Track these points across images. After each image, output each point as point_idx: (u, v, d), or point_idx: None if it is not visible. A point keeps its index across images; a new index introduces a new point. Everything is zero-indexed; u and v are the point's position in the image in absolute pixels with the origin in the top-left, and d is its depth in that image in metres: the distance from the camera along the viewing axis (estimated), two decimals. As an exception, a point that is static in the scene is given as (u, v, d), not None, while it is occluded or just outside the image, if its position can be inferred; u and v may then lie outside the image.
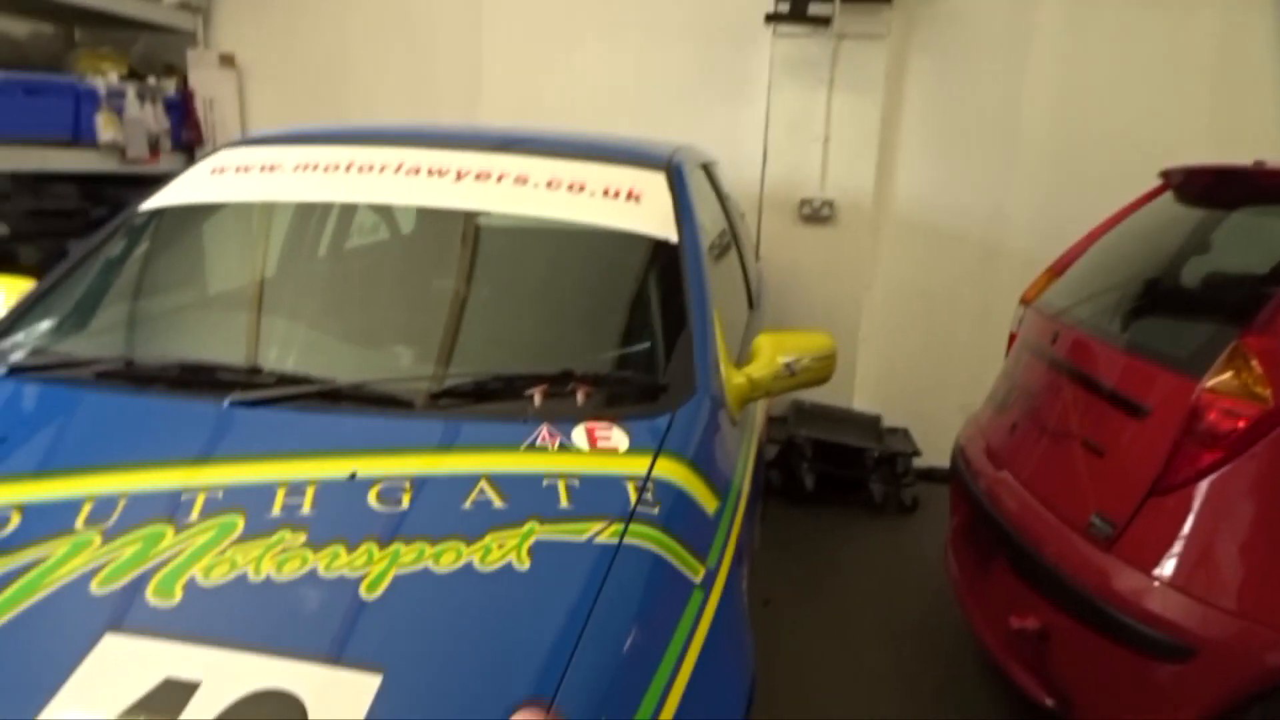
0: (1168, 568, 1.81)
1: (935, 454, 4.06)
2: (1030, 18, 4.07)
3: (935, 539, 3.39)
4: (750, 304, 2.96)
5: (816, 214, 4.18)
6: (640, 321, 2.00)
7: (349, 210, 2.47)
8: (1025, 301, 2.91)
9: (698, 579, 1.28)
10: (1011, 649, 2.22)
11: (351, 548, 1.18)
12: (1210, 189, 2.58)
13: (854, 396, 4.42)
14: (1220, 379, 1.82)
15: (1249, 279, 2.25)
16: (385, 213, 2.54)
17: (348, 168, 2.08)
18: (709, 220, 2.45)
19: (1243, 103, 4.00)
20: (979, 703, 2.59)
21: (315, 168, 2.09)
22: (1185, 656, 1.74)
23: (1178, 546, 1.80)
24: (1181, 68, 4.02)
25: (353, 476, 1.34)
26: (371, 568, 1.14)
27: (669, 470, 1.42)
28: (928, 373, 4.37)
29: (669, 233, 1.98)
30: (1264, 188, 2.33)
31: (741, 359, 2.04)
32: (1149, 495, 1.87)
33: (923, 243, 4.28)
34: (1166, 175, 2.73)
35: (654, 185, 2.10)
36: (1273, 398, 1.76)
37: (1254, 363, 1.80)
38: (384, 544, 1.18)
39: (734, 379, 1.84)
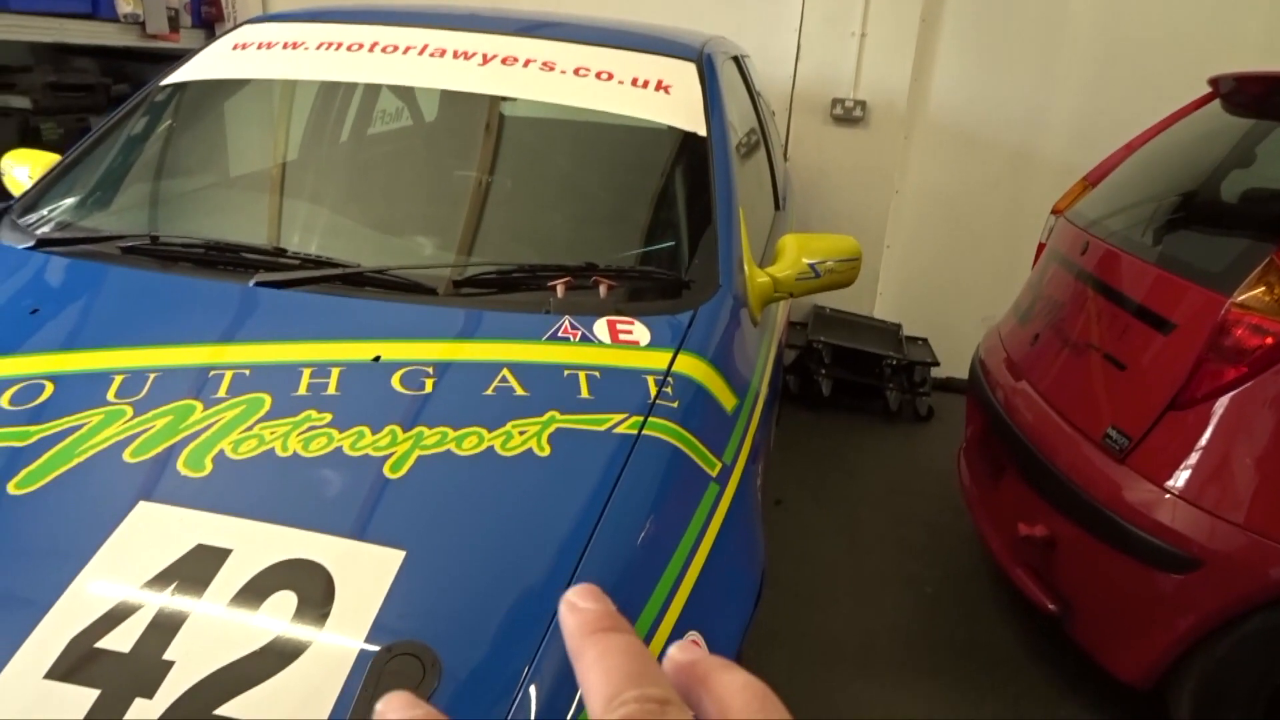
0: (1180, 481, 1.82)
1: (955, 365, 4.06)
2: (1083, -89, 3.87)
3: (948, 449, 3.41)
4: (777, 204, 2.91)
5: (848, 115, 4.07)
6: (665, 217, 1.98)
7: (373, 91, 2.43)
8: (1057, 211, 2.85)
9: (714, 473, 1.30)
10: (1018, 556, 2.27)
11: (376, 430, 1.20)
12: (1260, 98, 2.49)
13: (876, 304, 4.39)
14: (1250, 294, 1.79)
15: (1291, 195, 2.20)
16: (409, 96, 2.49)
17: (372, 47, 2.04)
18: (738, 116, 2.39)
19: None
20: (983, 607, 2.65)
21: (339, 46, 2.05)
22: (1191, 568, 1.77)
23: (1192, 461, 1.81)
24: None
25: (376, 360, 1.36)
26: (395, 449, 1.16)
27: (688, 367, 1.42)
28: (952, 282, 4.32)
29: (698, 127, 1.94)
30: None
31: (765, 259, 2.02)
32: (1167, 409, 1.87)
33: (955, 148, 4.17)
34: (1215, 82, 2.63)
35: (684, 76, 2.05)
36: (1303, 316, 1.74)
37: (1288, 280, 1.77)
38: (407, 427, 1.20)
39: (757, 279, 1.83)
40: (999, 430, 2.44)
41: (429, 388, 1.29)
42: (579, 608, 0.34)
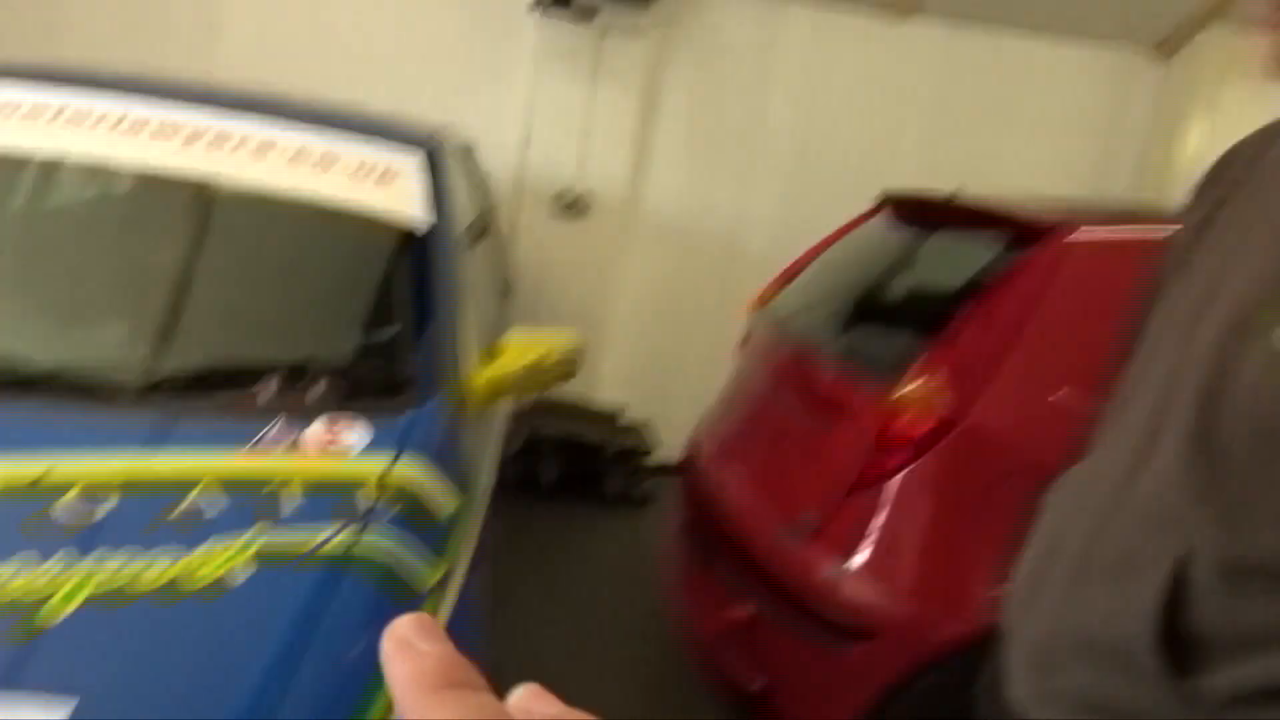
0: (858, 558, 2.03)
1: (674, 449, 4.27)
2: (778, 34, 4.35)
3: (665, 534, 3.57)
4: (502, 296, 2.96)
5: (572, 207, 4.25)
6: (385, 312, 1.94)
7: (56, 165, 2.21)
8: (755, 306, 3.12)
9: (428, 587, 1.28)
10: (724, 640, 2.40)
11: (37, 565, 1.07)
12: (918, 213, 2.89)
13: (599, 390, 4.54)
14: (910, 388, 2.06)
15: (941, 296, 2.55)
16: (100, 172, 2.29)
17: (59, 115, 1.86)
18: (464, 207, 2.42)
19: (950, 139, 4.51)
20: (693, 693, 2.73)
21: (19, 111, 1.85)
22: (869, 636, 1.97)
23: (868, 539, 2.02)
24: (904, 99, 4.47)
25: (35, 484, 1.21)
26: (59, 588, 1.04)
27: (405, 473, 1.40)
28: (671, 369, 4.57)
29: (422, 218, 1.93)
30: (956, 217, 2.65)
31: (489, 354, 2.04)
32: (848, 493, 2.08)
33: (672, 240, 4.47)
34: (882, 198, 3.02)
35: (410, 166, 2.04)
36: (951, 405, 2.02)
37: (938, 374, 2.06)
38: (75, 561, 1.08)
39: (479, 376, 1.84)
40: (707, 516, 2.60)
41: (104, 513, 1.18)
42: (416, 650, 0.25)
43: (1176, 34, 4.34)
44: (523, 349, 1.94)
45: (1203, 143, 4.17)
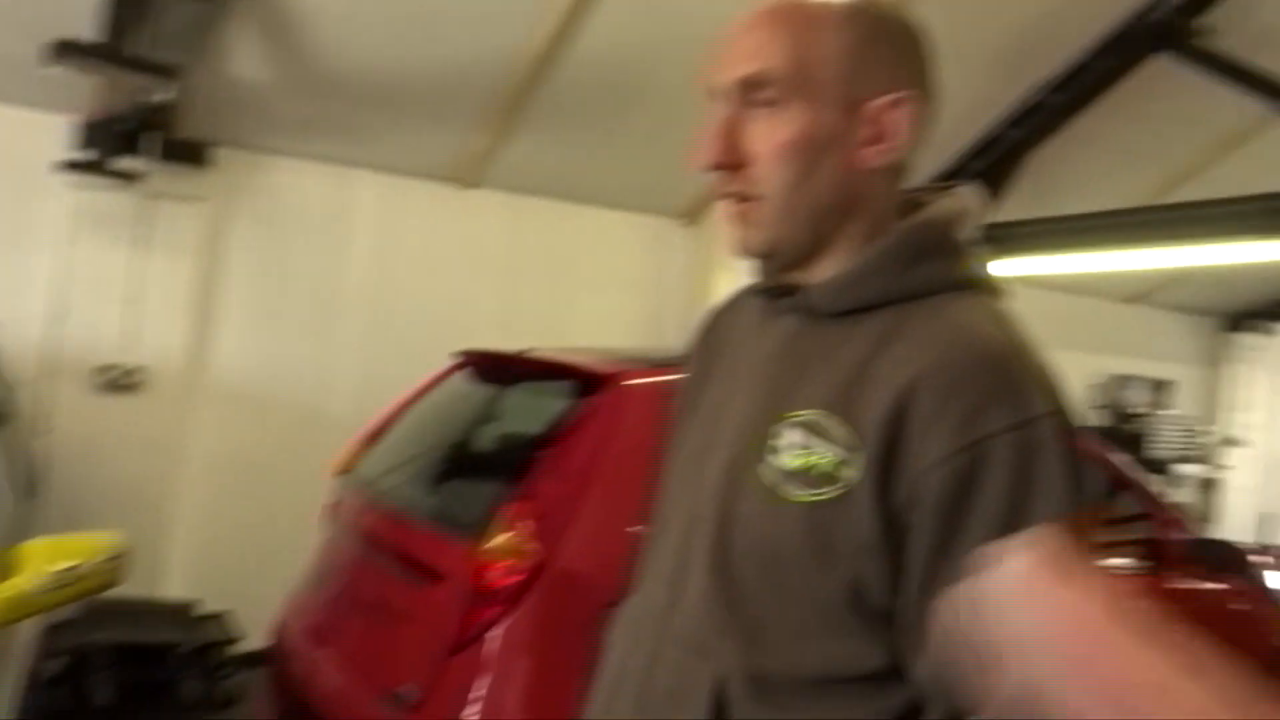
0: (465, 723, 1.96)
1: (261, 636, 3.86)
2: (349, 196, 4.38)
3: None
4: (22, 495, 2.52)
5: (119, 382, 3.80)
6: None
7: None
8: (339, 472, 2.99)
9: None
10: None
11: None
12: (494, 369, 3.00)
13: (168, 582, 4.00)
14: (497, 541, 2.08)
15: (522, 447, 2.65)
16: None
17: None
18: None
19: (520, 297, 4.81)
20: None
21: None
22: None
23: (472, 703, 1.97)
24: (476, 262, 4.70)
25: None
26: None
27: None
28: (253, 548, 4.17)
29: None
30: (530, 370, 2.80)
31: (4, 567, 1.70)
32: (447, 656, 2.02)
33: (245, 410, 4.17)
34: (459, 355, 3.10)
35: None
36: (539, 553, 2.07)
37: (523, 523, 2.11)
38: None
39: (-14, 596, 1.52)
40: (299, 704, 2.36)
41: None
42: None
43: (695, 206, 5.13)
44: (46, 558, 1.65)
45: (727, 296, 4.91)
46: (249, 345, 4.18)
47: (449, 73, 3.89)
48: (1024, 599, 0.77)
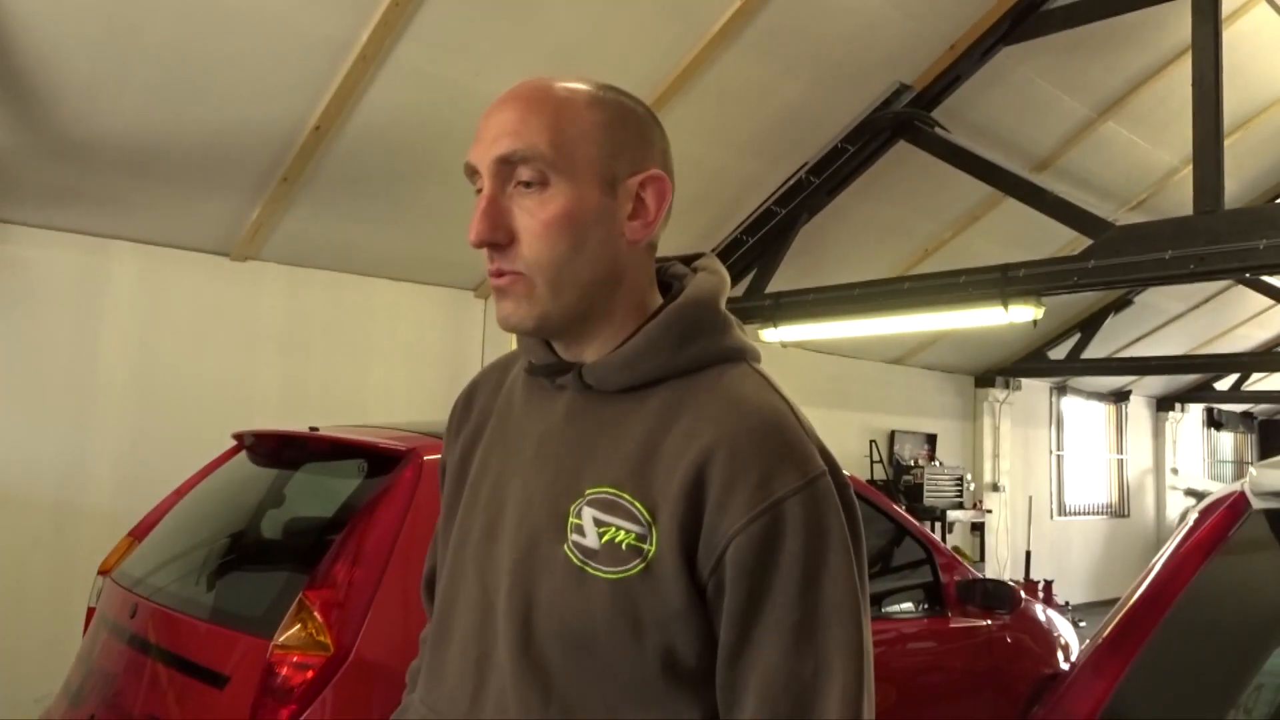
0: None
1: (3, 764, 3.39)
2: (103, 271, 4.06)
3: None
4: None
5: None
6: None
7: None
8: (104, 572, 2.71)
9: None
10: None
11: None
12: (276, 450, 2.84)
13: (-117, 713, 3.44)
14: (289, 634, 1.95)
15: (312, 532, 2.51)
16: None
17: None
18: None
19: (305, 373, 4.60)
20: None
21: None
22: None
23: (262, 813, 1.81)
24: (253, 336, 4.45)
25: None
26: None
27: None
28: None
29: None
30: (317, 450, 2.67)
31: None
32: (235, 765, 1.86)
33: (-17, 509, 3.70)
34: (239, 437, 2.91)
35: None
36: (333, 644, 1.96)
37: (316, 613, 1.99)
38: None
39: None
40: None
41: None
42: None
43: (487, 280, 5.13)
44: None
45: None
46: (-11, 435, 3.73)
47: (217, 141, 3.72)
48: None
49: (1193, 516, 1.40)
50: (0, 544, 3.73)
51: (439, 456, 2.25)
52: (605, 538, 0.88)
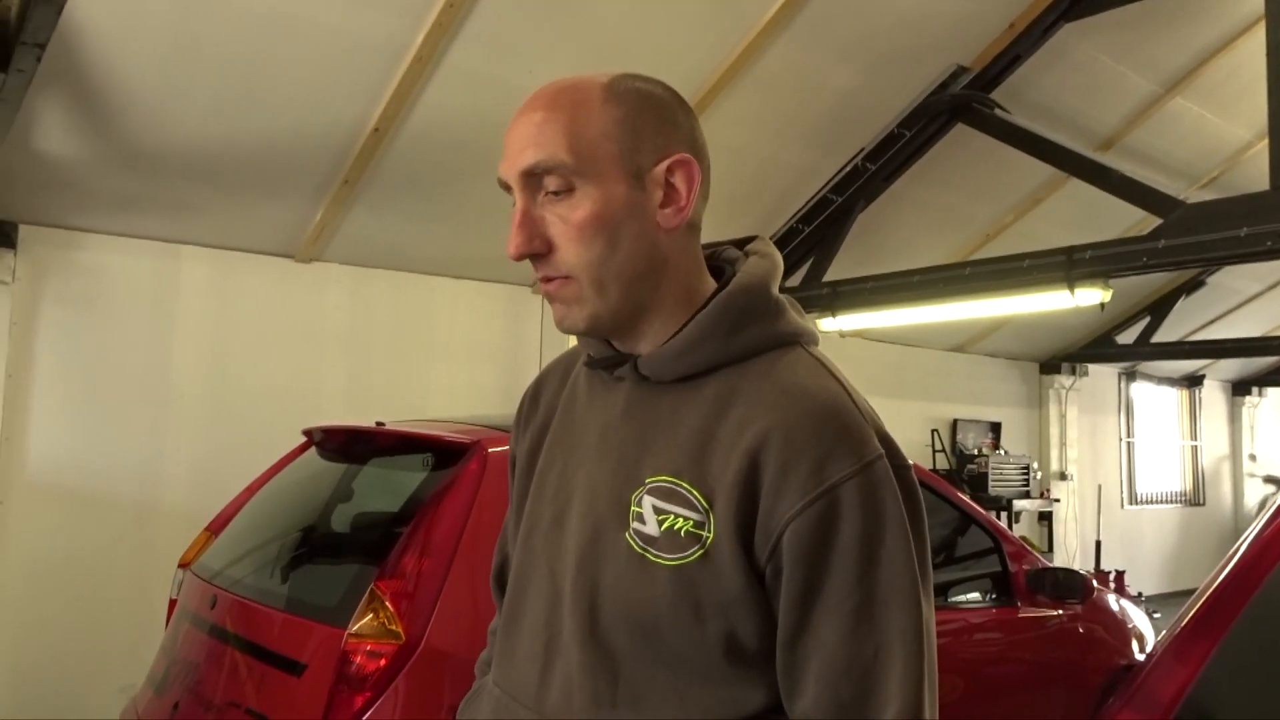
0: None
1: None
2: (174, 276, 4.18)
3: None
4: None
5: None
6: None
7: None
8: (184, 565, 2.81)
9: None
10: None
11: None
12: (345, 445, 2.91)
13: (-20, 702, 3.61)
14: (361, 623, 2.00)
15: (381, 524, 2.57)
16: None
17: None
18: None
19: (369, 370, 4.69)
20: None
21: None
22: None
23: (341, 797, 1.86)
24: (319, 336, 4.56)
25: None
26: None
27: None
28: (80, 654, 3.83)
29: None
30: (384, 444, 2.73)
31: None
32: (313, 751, 1.91)
33: (67, 508, 3.85)
34: (309, 433, 2.99)
35: None
36: (405, 633, 2.00)
37: (387, 603, 2.04)
38: None
39: None
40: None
41: None
42: None
43: (546, 273, 5.17)
44: None
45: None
46: (69, 438, 3.88)
47: (280, 147, 3.81)
48: None
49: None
50: (85, 542, 3.88)
51: (504, 449, 2.31)
52: (665, 525, 0.89)
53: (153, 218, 4.03)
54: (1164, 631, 1.37)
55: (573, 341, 1.12)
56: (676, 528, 0.89)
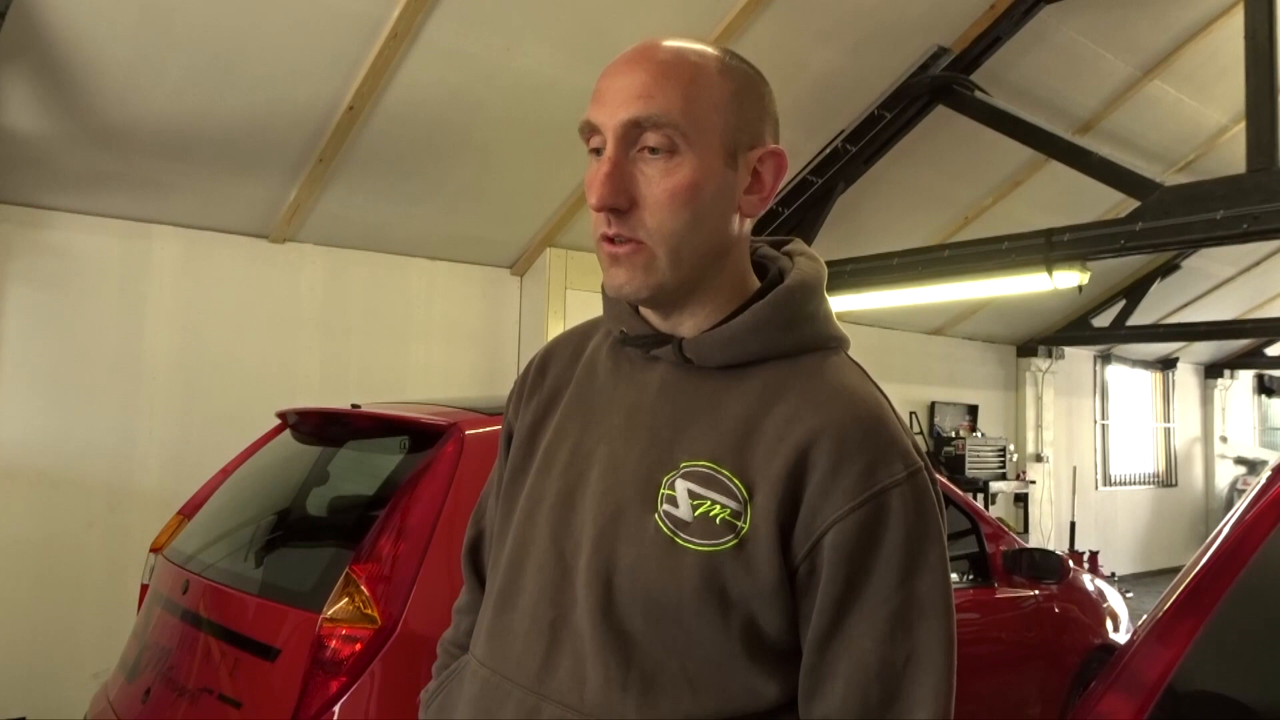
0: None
1: (65, 737, 3.49)
2: (146, 256, 4.10)
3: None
4: None
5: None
6: None
7: None
8: (156, 549, 2.76)
9: None
10: None
11: None
12: (320, 428, 2.87)
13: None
14: (337, 607, 1.97)
15: (356, 507, 2.54)
16: None
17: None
18: None
19: (345, 352, 4.64)
20: None
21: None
22: None
23: (316, 783, 1.84)
24: (294, 317, 4.49)
25: None
26: None
27: None
28: (51, 640, 3.78)
29: None
30: (360, 427, 2.69)
31: None
32: (287, 736, 1.88)
33: (35, 489, 3.79)
34: (283, 416, 2.94)
35: None
36: (380, 617, 1.98)
37: (363, 586, 2.01)
38: None
39: None
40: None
41: None
42: None
43: (524, 257, 5.14)
44: None
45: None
46: (37, 419, 3.81)
47: (253, 124, 3.74)
48: None
49: (1265, 475, 1.36)
50: (56, 526, 3.82)
51: (482, 431, 2.28)
52: (699, 510, 0.88)
53: (123, 196, 3.94)
54: (1147, 613, 1.37)
55: (552, 327, 1.09)
56: (712, 514, 0.87)
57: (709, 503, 0.88)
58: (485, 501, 1.17)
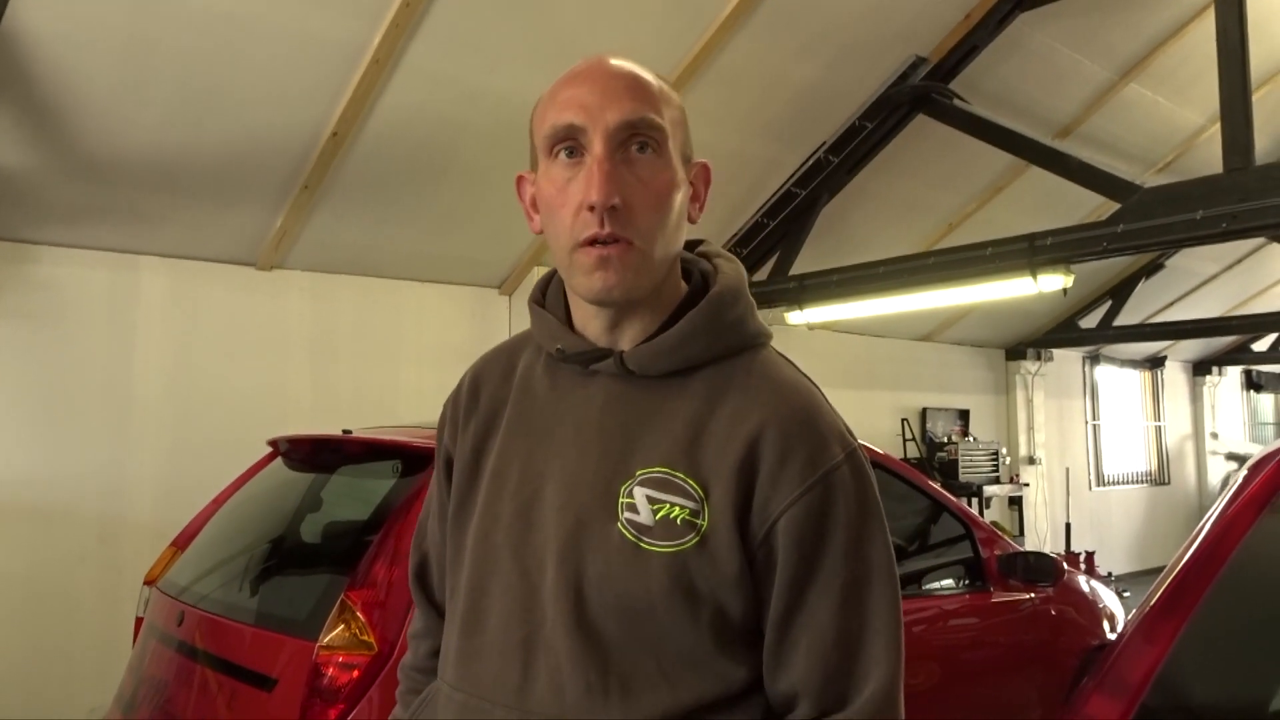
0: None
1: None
2: (134, 288, 4.10)
3: None
4: None
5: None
6: None
7: None
8: (149, 582, 2.76)
9: None
10: None
11: None
12: (312, 454, 2.87)
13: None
14: (333, 635, 1.97)
15: (352, 533, 2.53)
16: None
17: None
18: None
19: (336, 377, 4.64)
20: None
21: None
22: None
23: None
24: (283, 344, 4.49)
25: None
26: None
27: None
28: (46, 675, 3.75)
29: None
30: (352, 452, 2.69)
31: None
32: (286, 766, 1.88)
33: (28, 525, 3.77)
34: (274, 444, 2.94)
35: None
36: (377, 642, 1.98)
37: (359, 613, 2.01)
38: None
39: None
40: None
41: None
42: None
43: (511, 276, 5.16)
44: None
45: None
46: (24, 454, 3.79)
47: (238, 152, 3.75)
48: None
49: (1242, 474, 1.38)
50: (49, 558, 3.80)
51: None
52: (660, 514, 0.91)
53: (109, 228, 3.95)
54: (1132, 612, 1.38)
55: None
56: (673, 516, 0.91)
57: (668, 505, 0.91)
58: (425, 525, 1.18)
